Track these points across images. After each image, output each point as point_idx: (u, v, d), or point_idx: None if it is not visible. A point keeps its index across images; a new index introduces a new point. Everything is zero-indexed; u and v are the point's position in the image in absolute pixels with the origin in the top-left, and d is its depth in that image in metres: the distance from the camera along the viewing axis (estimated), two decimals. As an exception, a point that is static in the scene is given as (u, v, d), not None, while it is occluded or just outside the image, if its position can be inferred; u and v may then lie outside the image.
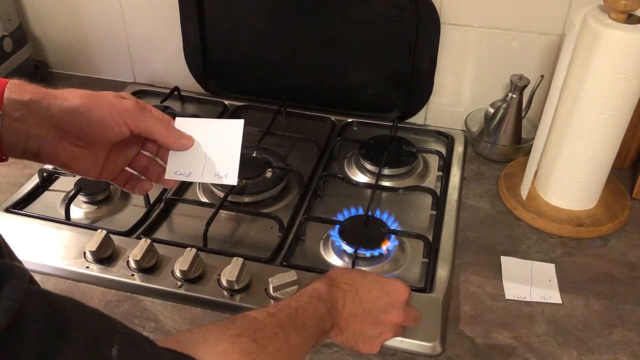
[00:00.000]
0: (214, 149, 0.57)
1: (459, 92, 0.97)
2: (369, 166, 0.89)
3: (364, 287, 0.55)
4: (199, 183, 0.86)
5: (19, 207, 0.81)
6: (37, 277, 0.71)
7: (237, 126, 0.58)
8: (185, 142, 0.57)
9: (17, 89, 0.52)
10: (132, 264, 0.70)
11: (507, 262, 0.74)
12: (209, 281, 0.68)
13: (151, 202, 0.81)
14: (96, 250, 0.70)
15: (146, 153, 0.59)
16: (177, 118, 0.58)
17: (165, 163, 0.58)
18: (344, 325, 0.54)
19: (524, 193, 0.82)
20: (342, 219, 0.77)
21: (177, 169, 0.57)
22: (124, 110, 0.53)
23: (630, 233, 0.79)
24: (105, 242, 0.71)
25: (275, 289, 0.65)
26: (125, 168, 0.59)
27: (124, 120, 0.52)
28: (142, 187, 0.60)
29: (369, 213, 0.78)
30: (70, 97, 0.52)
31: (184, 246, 0.71)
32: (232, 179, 0.56)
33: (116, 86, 1.09)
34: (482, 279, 0.72)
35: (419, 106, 0.99)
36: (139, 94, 1.07)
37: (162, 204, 0.81)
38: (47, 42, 1.13)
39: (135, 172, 0.60)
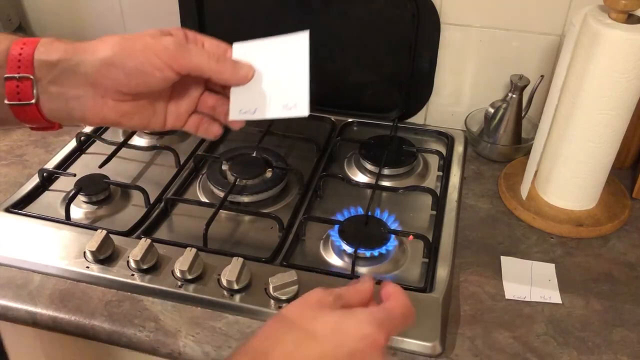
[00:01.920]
0: (278, 75, 0.50)
1: (459, 92, 0.97)
2: (369, 166, 0.89)
3: (280, 351, 0.39)
4: (199, 183, 0.86)
5: (19, 207, 0.81)
6: (37, 277, 0.72)
7: (301, 41, 0.50)
8: (243, 74, 0.50)
9: (46, 49, 0.47)
10: (132, 264, 0.70)
11: (507, 262, 0.74)
12: (209, 281, 0.68)
13: (151, 202, 0.81)
14: (96, 250, 0.70)
15: (211, 93, 0.54)
16: (234, 45, 0.52)
17: None
18: None
19: (524, 193, 0.82)
20: (342, 219, 0.77)
21: (241, 106, 0.51)
22: (162, 51, 0.46)
23: (631, 233, 0.79)
24: (105, 242, 0.71)
25: (275, 288, 0.65)
26: (193, 112, 0.54)
27: (165, 62, 0.47)
28: (210, 130, 0.54)
29: (369, 213, 0.78)
30: (100, 48, 0.46)
31: (184, 246, 0.71)
32: (302, 109, 0.49)
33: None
34: (482, 278, 0.72)
35: (419, 106, 0.99)
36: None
37: (162, 203, 0.81)
38: (47, 42, 1.13)
39: (205, 115, 0.55)
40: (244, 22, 0.99)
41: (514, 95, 0.89)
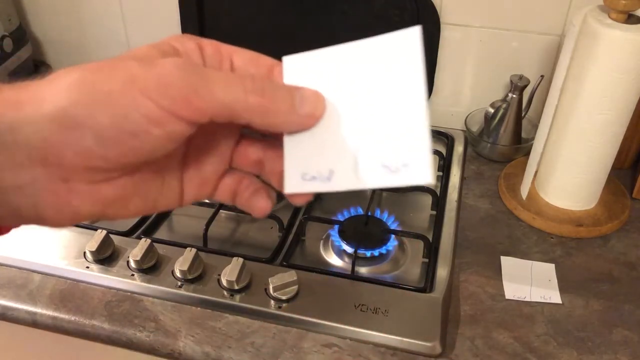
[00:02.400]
0: (368, 109, 0.30)
1: (459, 92, 0.97)
2: (369, 166, 0.89)
3: None
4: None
5: (18, 207, 0.81)
6: (37, 277, 0.72)
7: (407, 45, 0.29)
8: (307, 112, 0.30)
9: None
10: (132, 264, 0.70)
11: (507, 262, 0.74)
12: (209, 281, 0.68)
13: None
14: (96, 250, 0.70)
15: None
16: (285, 60, 0.33)
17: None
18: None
19: (524, 193, 0.82)
20: (342, 219, 0.77)
21: (304, 168, 0.31)
22: (158, 87, 0.26)
23: (630, 233, 0.79)
24: (105, 242, 0.71)
25: (275, 289, 0.65)
26: (226, 172, 0.34)
27: (167, 107, 0.26)
28: (254, 203, 0.34)
29: (369, 213, 0.78)
30: (49, 95, 0.27)
31: (184, 246, 0.71)
32: (419, 172, 0.28)
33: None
34: (482, 279, 0.72)
35: (419, 106, 0.99)
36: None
37: (162, 204, 0.81)
38: (47, 42, 1.13)
39: (247, 174, 0.35)
40: (244, 23, 0.99)
41: (514, 95, 0.89)
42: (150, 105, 0.26)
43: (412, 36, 0.29)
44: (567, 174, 0.79)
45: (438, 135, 0.98)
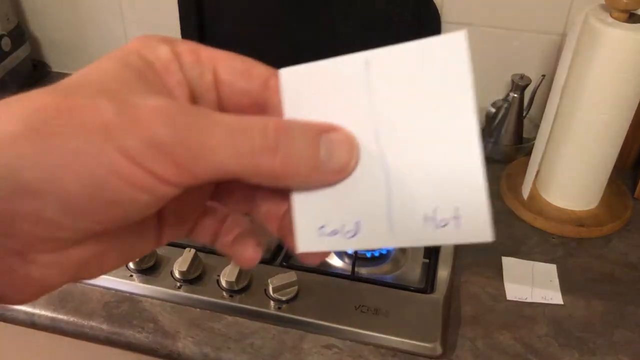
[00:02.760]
0: (403, 136, 0.23)
1: (460, 91, 0.97)
2: (369, 166, 0.89)
3: None
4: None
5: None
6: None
7: (452, 53, 0.23)
8: (336, 169, 0.23)
9: None
10: (131, 265, 0.69)
11: (508, 262, 0.74)
12: (209, 282, 0.68)
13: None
14: (95, 251, 0.69)
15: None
16: (282, 73, 0.25)
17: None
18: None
19: (525, 193, 0.81)
20: (342, 219, 0.77)
21: (320, 219, 0.24)
22: (145, 147, 0.20)
23: (632, 233, 0.79)
24: (104, 242, 0.71)
25: (275, 289, 0.65)
26: (207, 209, 0.28)
27: (156, 172, 0.21)
28: (241, 253, 0.28)
29: (369, 213, 0.77)
30: None
31: (183, 246, 0.70)
32: (478, 227, 0.22)
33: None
34: (483, 279, 0.71)
35: (420, 106, 0.98)
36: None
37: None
38: (46, 41, 1.12)
39: (233, 212, 0.28)
40: (244, 21, 0.98)
41: (515, 95, 0.89)
42: (133, 169, 0.20)
43: (457, 43, 0.23)
44: (568, 174, 0.78)
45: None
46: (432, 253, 0.73)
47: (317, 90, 0.24)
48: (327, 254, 0.26)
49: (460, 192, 0.22)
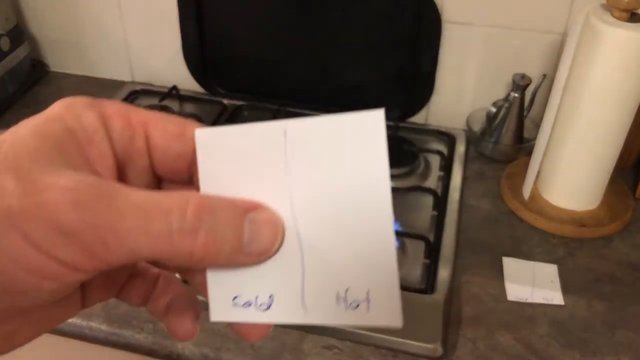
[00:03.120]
0: (318, 211, 0.23)
1: (461, 91, 0.97)
2: (369, 166, 0.89)
3: None
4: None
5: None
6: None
7: (369, 132, 0.22)
8: (258, 252, 0.23)
9: None
10: (130, 265, 0.69)
11: (509, 263, 0.73)
12: (208, 282, 0.68)
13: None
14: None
15: None
16: (197, 134, 0.24)
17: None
18: None
19: (526, 193, 0.81)
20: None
21: (234, 289, 0.24)
22: (51, 234, 0.19)
23: (633, 234, 0.78)
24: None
25: (275, 290, 0.64)
26: (135, 270, 0.27)
27: (64, 259, 0.20)
28: (177, 326, 0.27)
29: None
30: None
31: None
32: (388, 313, 0.22)
33: (114, 86, 1.08)
34: (484, 280, 0.71)
35: (420, 105, 0.98)
36: (136, 93, 1.06)
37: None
38: (45, 41, 1.12)
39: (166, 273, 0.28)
40: (244, 21, 0.98)
41: (516, 95, 0.89)
42: (38, 257, 0.19)
43: (374, 121, 0.22)
44: (569, 174, 0.78)
45: (439, 134, 0.97)
46: (432, 254, 0.73)
47: (234, 156, 0.24)
48: (263, 327, 0.25)
49: (373, 275, 0.22)
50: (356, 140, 0.22)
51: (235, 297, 0.24)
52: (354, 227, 0.22)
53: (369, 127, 0.22)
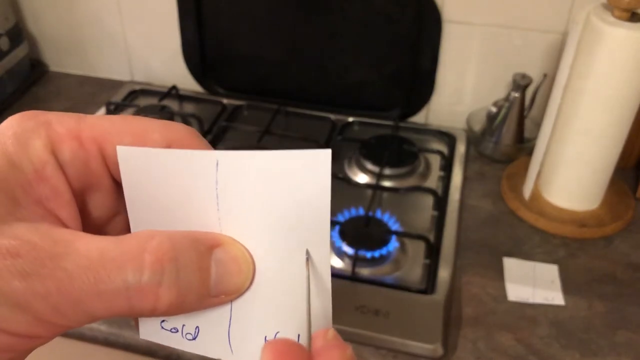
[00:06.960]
0: (257, 247, 0.22)
1: (461, 90, 0.96)
2: (369, 166, 0.88)
3: None
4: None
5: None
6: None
7: (315, 171, 0.20)
8: (225, 296, 0.21)
9: None
10: (130, 265, 0.69)
11: (509, 263, 0.73)
12: (208, 283, 0.68)
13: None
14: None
15: None
16: (119, 151, 0.22)
17: None
18: None
19: (526, 193, 0.81)
20: (342, 220, 0.76)
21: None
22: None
23: (634, 234, 0.78)
24: (103, 243, 0.70)
25: (275, 290, 0.64)
26: None
27: (8, 330, 0.19)
28: None
29: (370, 214, 0.77)
30: None
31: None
32: None
33: (113, 85, 1.08)
34: (485, 280, 0.71)
35: (421, 105, 0.98)
36: (135, 93, 1.06)
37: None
38: (44, 40, 1.12)
39: None
40: (244, 20, 0.98)
41: (516, 94, 0.88)
42: None
43: (321, 160, 0.20)
44: (570, 174, 0.78)
45: (440, 134, 0.97)
46: (433, 254, 0.72)
47: (161, 180, 0.22)
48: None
49: (304, 321, 0.21)
50: (299, 178, 0.20)
51: (163, 321, 0.24)
52: (289, 267, 0.21)
53: (313, 166, 0.20)
